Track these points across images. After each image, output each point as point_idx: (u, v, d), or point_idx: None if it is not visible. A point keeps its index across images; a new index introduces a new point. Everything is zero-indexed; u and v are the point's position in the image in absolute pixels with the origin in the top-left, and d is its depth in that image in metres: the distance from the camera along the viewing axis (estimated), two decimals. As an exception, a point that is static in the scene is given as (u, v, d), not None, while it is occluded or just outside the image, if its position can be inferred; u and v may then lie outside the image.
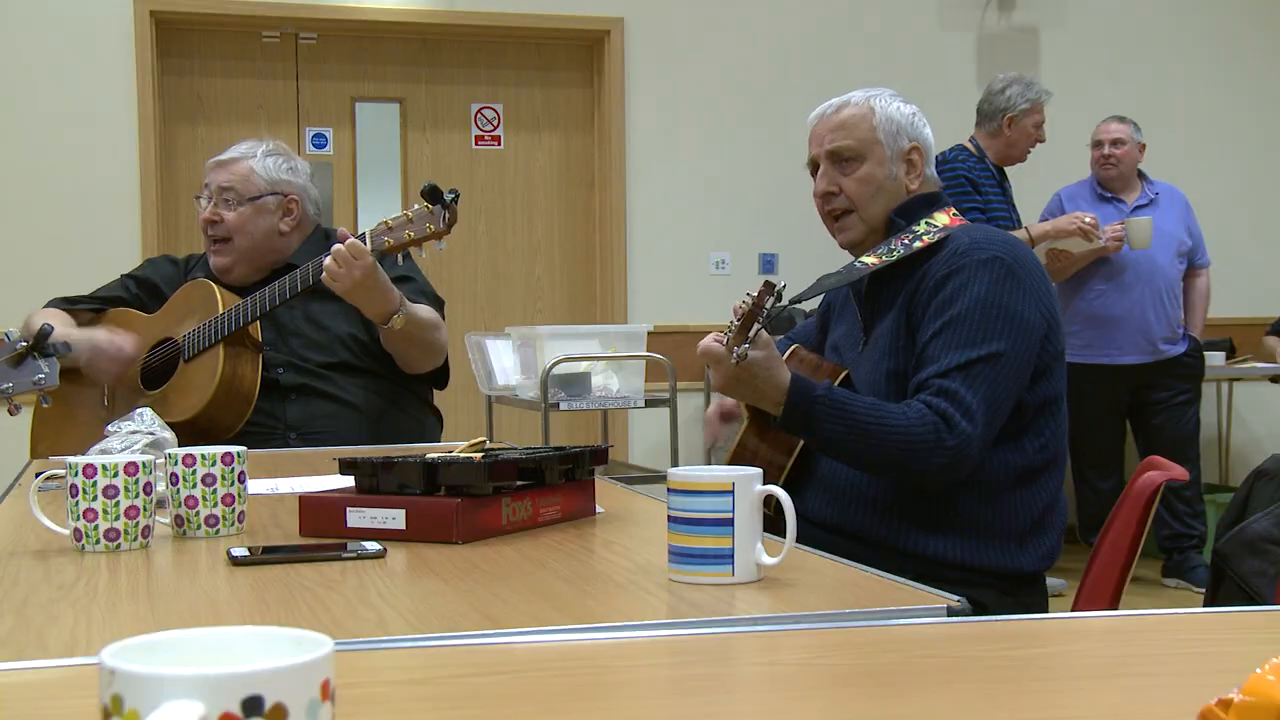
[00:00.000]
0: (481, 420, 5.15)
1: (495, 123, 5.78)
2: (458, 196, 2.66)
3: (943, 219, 2.29)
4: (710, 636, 1.23)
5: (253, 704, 0.62)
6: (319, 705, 0.65)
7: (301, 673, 0.64)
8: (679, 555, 1.42)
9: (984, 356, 2.09)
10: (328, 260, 2.67)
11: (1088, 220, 4.95)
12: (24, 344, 1.93)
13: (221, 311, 2.84)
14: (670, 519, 1.43)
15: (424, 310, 2.92)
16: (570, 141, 5.86)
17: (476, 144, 5.78)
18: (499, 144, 5.80)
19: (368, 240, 2.68)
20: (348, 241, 2.66)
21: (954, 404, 2.07)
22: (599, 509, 1.92)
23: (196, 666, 0.64)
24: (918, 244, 2.23)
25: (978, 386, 2.08)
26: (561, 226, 5.88)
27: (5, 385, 1.92)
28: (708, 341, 2.09)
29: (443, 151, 5.75)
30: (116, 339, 2.90)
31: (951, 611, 1.28)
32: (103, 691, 0.65)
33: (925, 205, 2.32)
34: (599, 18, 5.68)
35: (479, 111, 5.76)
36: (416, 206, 2.67)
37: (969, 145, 4.95)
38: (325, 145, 5.63)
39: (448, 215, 2.64)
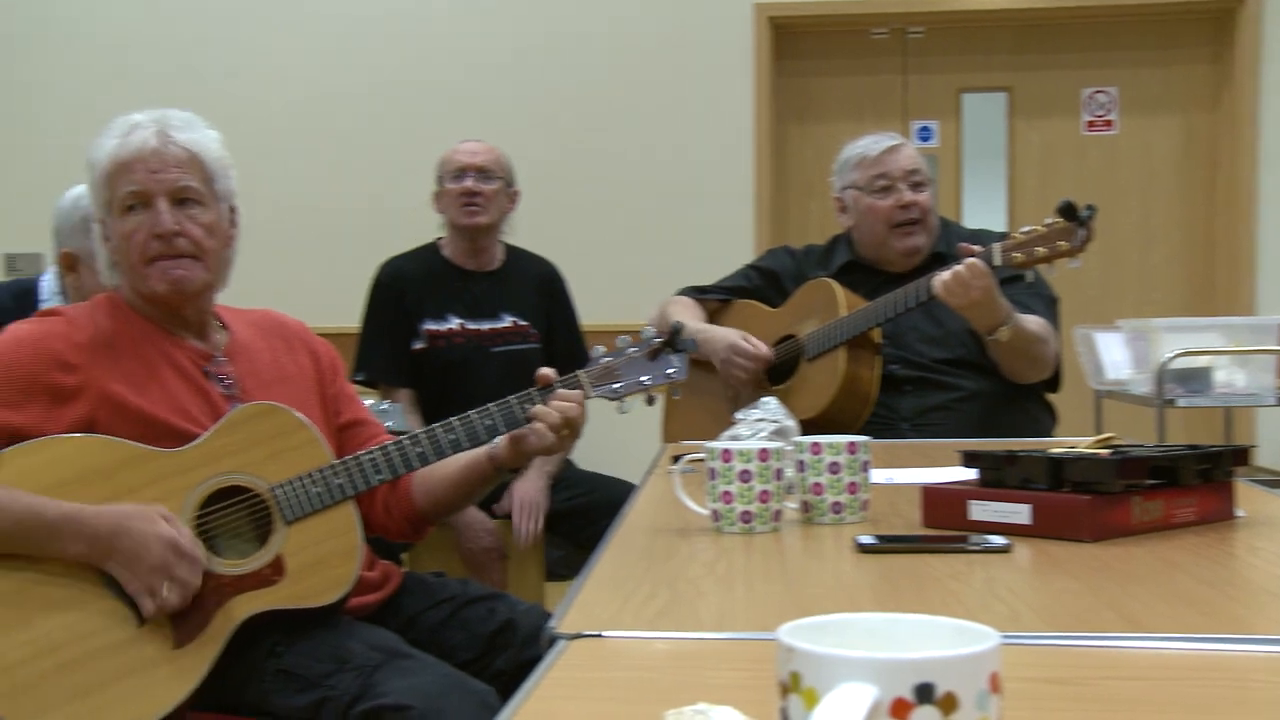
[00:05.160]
0: (1089, 416, 4.96)
1: (1109, 107, 5.54)
2: (1094, 213, 2.58)
3: None
4: (1384, 660, 1.12)
5: (924, 691, 0.64)
6: (988, 697, 0.65)
7: (973, 663, 0.65)
8: (1340, 568, 1.31)
9: None
10: (948, 276, 2.69)
11: None
12: (659, 340, 2.11)
13: (843, 314, 2.92)
14: (1330, 528, 1.32)
15: (1033, 322, 2.88)
16: (1192, 122, 5.51)
17: (1087, 129, 5.57)
18: (1111, 128, 5.56)
19: (996, 255, 2.66)
20: (969, 263, 2.66)
21: None
22: (1239, 512, 1.80)
23: (866, 650, 0.66)
24: None
25: None
26: (1179, 213, 5.55)
27: (644, 378, 2.11)
28: None
29: (1051, 139, 5.59)
30: (759, 349, 3.02)
31: None
32: (781, 668, 0.69)
33: None
34: (1228, -12, 5.31)
35: (1091, 96, 5.55)
36: (1049, 220, 2.62)
37: None
38: (930, 138, 5.64)
39: (1085, 233, 2.57)
